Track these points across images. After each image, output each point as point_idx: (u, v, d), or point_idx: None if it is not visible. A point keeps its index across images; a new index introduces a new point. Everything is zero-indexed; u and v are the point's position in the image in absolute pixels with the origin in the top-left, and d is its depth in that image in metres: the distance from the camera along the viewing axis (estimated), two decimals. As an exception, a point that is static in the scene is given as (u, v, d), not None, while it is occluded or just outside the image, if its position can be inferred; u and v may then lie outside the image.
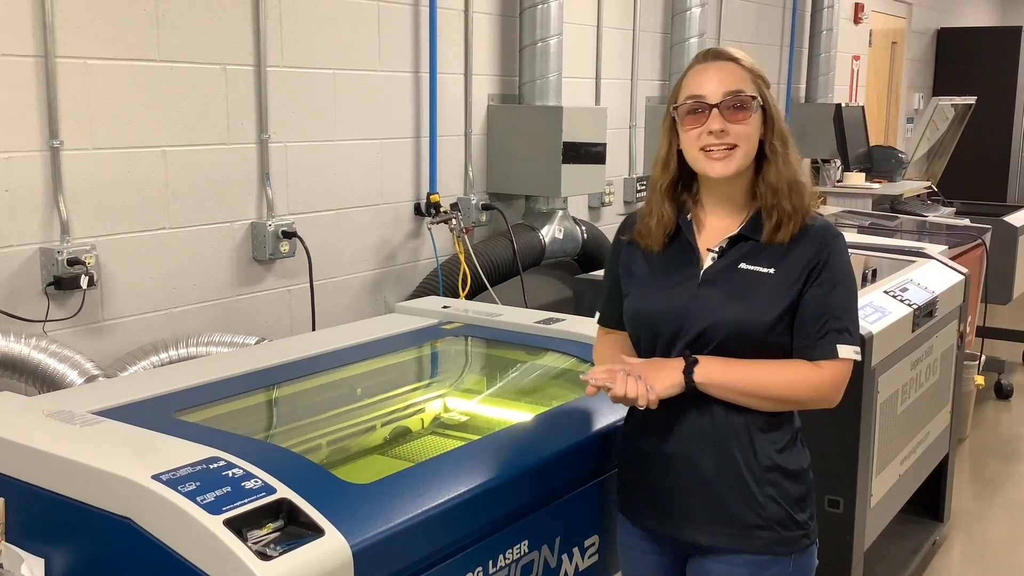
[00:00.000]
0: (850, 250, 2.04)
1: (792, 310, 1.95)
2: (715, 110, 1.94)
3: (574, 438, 2.13)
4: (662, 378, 1.92)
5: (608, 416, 2.21)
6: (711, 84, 1.96)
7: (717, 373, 1.93)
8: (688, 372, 1.92)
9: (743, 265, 1.98)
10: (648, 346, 2.04)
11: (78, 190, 2.90)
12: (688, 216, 2.05)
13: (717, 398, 1.95)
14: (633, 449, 2.09)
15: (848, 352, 1.96)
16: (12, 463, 1.86)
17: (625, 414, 2.13)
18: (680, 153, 2.02)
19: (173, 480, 1.65)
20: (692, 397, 1.95)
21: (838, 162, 6.83)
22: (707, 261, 2.01)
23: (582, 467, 2.15)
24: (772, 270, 1.96)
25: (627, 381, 1.89)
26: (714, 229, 2.04)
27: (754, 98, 1.96)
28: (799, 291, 1.95)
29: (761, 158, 2.00)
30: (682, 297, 1.99)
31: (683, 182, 2.06)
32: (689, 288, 1.99)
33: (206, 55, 3.20)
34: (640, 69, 5.42)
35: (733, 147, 1.94)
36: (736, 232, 2.00)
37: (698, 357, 1.94)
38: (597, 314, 2.24)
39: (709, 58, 2.01)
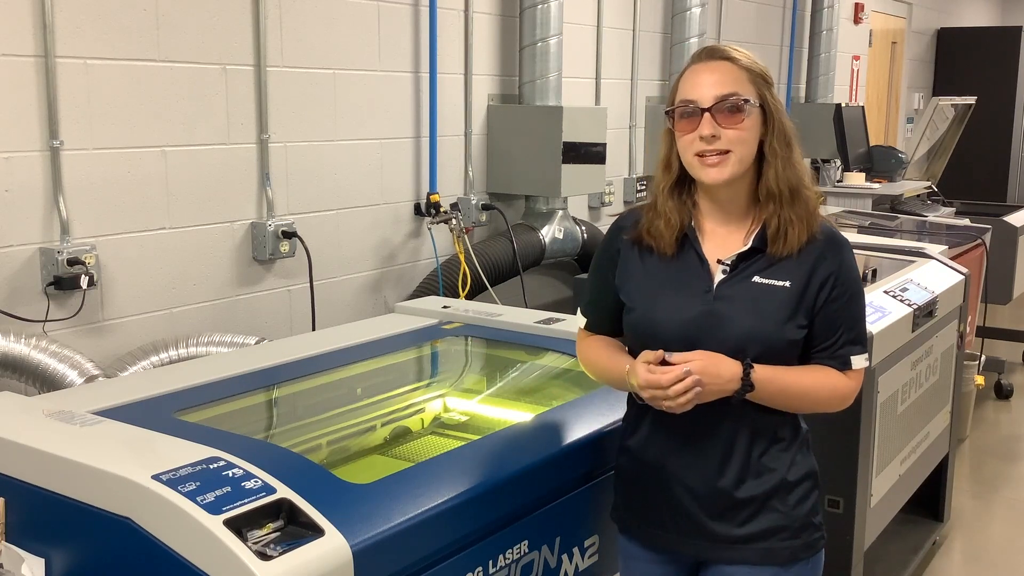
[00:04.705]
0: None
1: (808, 323, 1.92)
2: (707, 114, 1.87)
3: (574, 438, 2.13)
4: (722, 373, 1.83)
5: (607, 416, 2.21)
6: (703, 87, 1.89)
7: (768, 375, 1.87)
8: (746, 372, 1.85)
9: (757, 278, 1.92)
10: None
11: (78, 190, 2.90)
12: (691, 221, 1.98)
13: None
14: (637, 462, 2.04)
15: (861, 362, 1.98)
16: (12, 463, 1.86)
17: (623, 422, 2.09)
18: None
19: (173, 480, 1.65)
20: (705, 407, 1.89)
21: (838, 162, 6.84)
22: (718, 274, 1.94)
23: (582, 467, 2.14)
24: (787, 283, 1.91)
25: (678, 375, 1.81)
26: (717, 236, 1.98)
27: (747, 100, 1.88)
28: (813, 304, 1.92)
29: (762, 160, 1.93)
30: (694, 311, 1.92)
31: (687, 183, 1.99)
32: (702, 302, 1.93)
33: (206, 55, 3.20)
34: (640, 69, 5.42)
35: (726, 152, 1.88)
36: (748, 247, 1.94)
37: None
38: (581, 317, 2.14)
39: (703, 58, 1.94)
